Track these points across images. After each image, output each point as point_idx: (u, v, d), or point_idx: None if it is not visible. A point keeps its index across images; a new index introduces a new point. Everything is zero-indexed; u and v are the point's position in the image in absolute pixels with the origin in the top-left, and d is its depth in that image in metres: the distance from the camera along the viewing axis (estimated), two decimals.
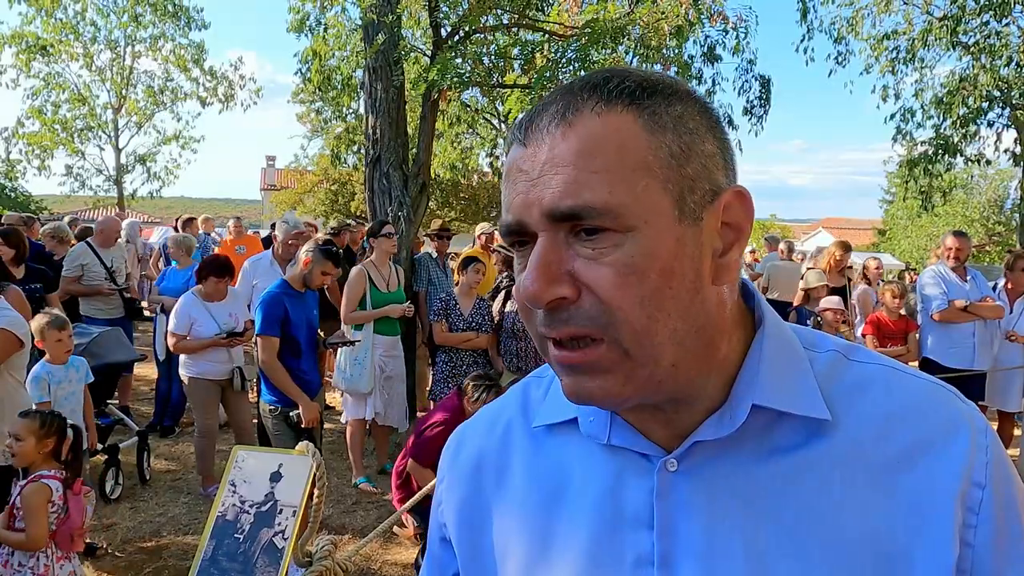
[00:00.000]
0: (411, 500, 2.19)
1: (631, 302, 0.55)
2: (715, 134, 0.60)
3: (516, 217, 0.58)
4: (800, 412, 0.61)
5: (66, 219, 10.59)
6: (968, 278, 5.23)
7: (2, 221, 6.45)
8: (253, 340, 4.36)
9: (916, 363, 5.43)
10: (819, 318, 5.35)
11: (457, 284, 5.36)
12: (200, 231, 10.18)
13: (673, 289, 0.56)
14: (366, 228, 7.76)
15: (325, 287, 5.54)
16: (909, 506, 0.58)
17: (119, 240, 6.72)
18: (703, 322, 0.59)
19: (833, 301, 5.36)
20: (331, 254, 4.38)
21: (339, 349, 4.88)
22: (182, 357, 4.73)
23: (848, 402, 0.62)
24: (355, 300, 5.04)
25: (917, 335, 5.50)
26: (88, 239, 6.40)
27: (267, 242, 9.54)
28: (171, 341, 4.65)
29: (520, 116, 0.62)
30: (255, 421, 4.73)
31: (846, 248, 6.40)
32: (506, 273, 5.95)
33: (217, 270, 4.71)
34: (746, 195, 0.60)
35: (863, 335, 5.71)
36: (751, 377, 0.62)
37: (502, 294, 5.30)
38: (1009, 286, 5.36)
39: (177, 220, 9.47)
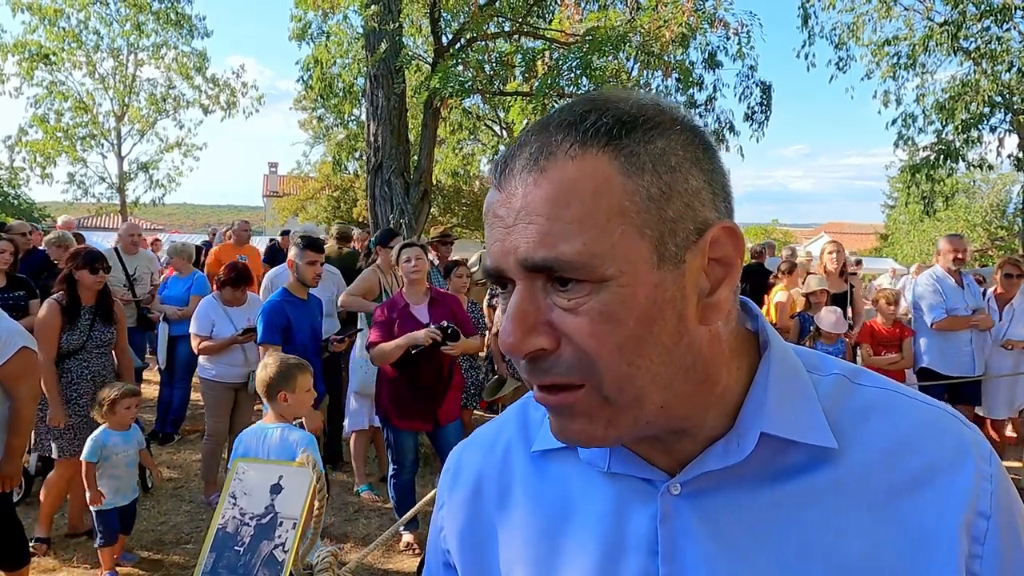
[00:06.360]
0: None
1: (609, 350, 0.54)
2: (701, 167, 0.57)
3: (494, 264, 0.58)
4: (807, 441, 0.60)
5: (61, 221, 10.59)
6: (965, 284, 5.21)
7: (8, 228, 6.46)
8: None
9: (912, 370, 5.43)
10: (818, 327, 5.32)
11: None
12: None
13: (654, 335, 0.55)
14: (369, 234, 7.78)
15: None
16: (914, 534, 0.58)
17: (144, 248, 6.77)
18: (691, 362, 0.57)
19: (831, 318, 5.27)
20: (310, 241, 4.39)
21: (356, 344, 4.95)
22: (200, 359, 4.86)
23: (853, 428, 0.62)
24: (362, 291, 5.07)
25: (912, 341, 5.47)
26: (116, 245, 6.48)
27: (270, 251, 9.51)
28: (194, 343, 4.81)
29: (498, 155, 0.60)
30: None
31: (839, 247, 6.15)
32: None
33: (232, 281, 4.88)
34: (734, 230, 0.58)
35: (858, 343, 5.67)
36: (757, 405, 0.61)
37: (500, 303, 5.29)
38: (998, 291, 5.35)
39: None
